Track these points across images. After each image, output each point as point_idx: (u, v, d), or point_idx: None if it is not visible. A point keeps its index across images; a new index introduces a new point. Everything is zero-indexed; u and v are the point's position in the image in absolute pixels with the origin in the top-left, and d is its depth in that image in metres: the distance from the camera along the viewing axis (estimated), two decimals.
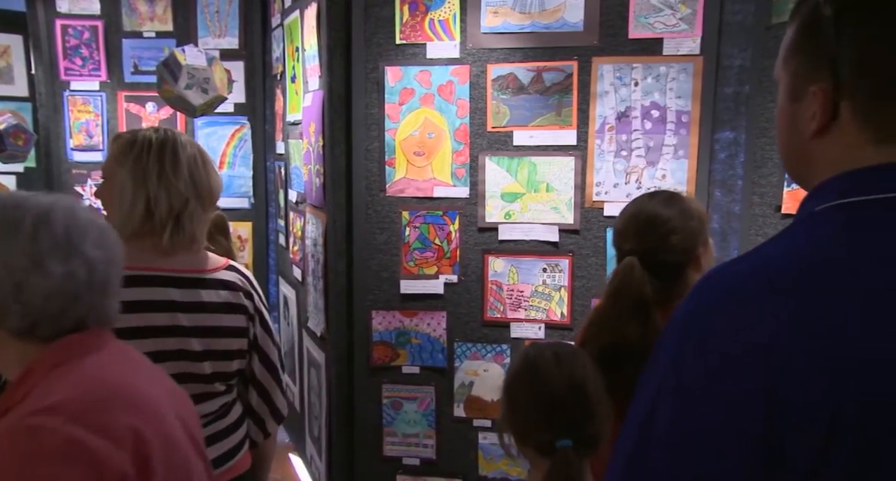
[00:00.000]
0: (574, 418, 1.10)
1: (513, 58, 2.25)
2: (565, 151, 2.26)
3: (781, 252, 0.69)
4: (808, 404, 0.61)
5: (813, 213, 0.71)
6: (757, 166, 2.08)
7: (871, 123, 0.70)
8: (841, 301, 0.62)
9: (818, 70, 0.72)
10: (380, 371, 2.40)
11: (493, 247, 2.33)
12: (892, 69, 0.68)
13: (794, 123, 0.75)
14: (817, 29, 0.72)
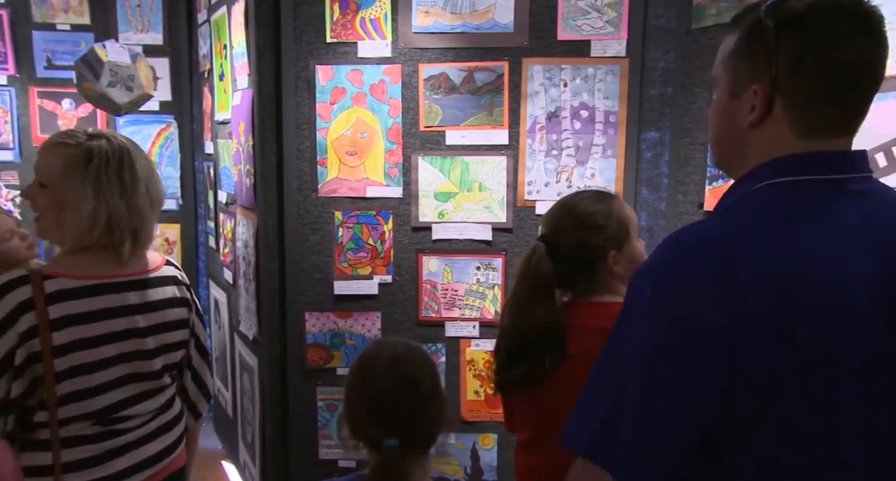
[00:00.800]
0: (401, 418, 1.11)
1: (444, 58, 2.26)
2: (497, 151, 2.28)
3: (740, 217, 0.84)
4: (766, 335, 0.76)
5: (752, 191, 0.86)
6: (681, 165, 2.15)
7: (798, 119, 0.84)
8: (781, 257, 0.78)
9: (759, 71, 0.85)
10: (314, 373, 2.37)
11: (426, 246, 2.33)
12: (817, 76, 0.82)
13: (733, 116, 0.89)
14: (760, 37, 0.84)
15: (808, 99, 0.83)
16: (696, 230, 0.85)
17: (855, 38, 0.81)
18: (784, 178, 0.84)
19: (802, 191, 0.83)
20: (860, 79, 0.83)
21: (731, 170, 0.93)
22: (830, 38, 0.81)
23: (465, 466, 2.37)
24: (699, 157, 2.08)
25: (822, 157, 0.84)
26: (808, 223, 0.80)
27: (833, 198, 0.83)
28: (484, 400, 2.35)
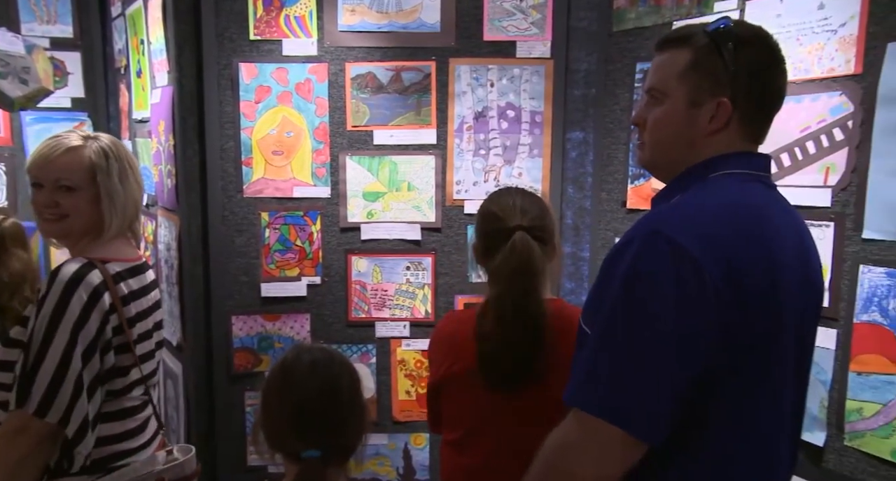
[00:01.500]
0: (322, 429, 1.08)
1: (371, 57, 2.24)
2: (425, 150, 2.29)
3: (700, 201, 1.00)
4: (744, 298, 0.92)
5: (708, 178, 1.03)
6: (604, 164, 2.22)
7: (746, 129, 1.04)
8: (748, 225, 0.97)
9: (721, 86, 1.01)
10: (242, 378, 2.31)
11: (356, 246, 2.31)
12: (762, 95, 1.03)
13: (691, 123, 1.03)
14: (720, 55, 1.00)
15: (754, 113, 1.03)
16: (690, 207, 1.00)
17: (781, 66, 1.04)
18: (733, 170, 1.03)
19: (739, 180, 1.03)
20: (781, 101, 1.06)
21: (671, 170, 1.08)
22: (770, 66, 1.03)
23: (398, 466, 2.37)
24: (621, 157, 2.15)
25: (760, 158, 1.07)
26: (765, 205, 1.01)
27: (768, 189, 1.06)
28: (415, 399, 2.36)
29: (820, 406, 1.60)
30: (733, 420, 0.97)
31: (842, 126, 1.57)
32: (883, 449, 1.49)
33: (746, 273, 0.92)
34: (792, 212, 1.08)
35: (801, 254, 1.04)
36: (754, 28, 1.05)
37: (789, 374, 1.03)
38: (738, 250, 0.93)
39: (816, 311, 1.11)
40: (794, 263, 1.00)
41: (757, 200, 1.01)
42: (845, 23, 1.55)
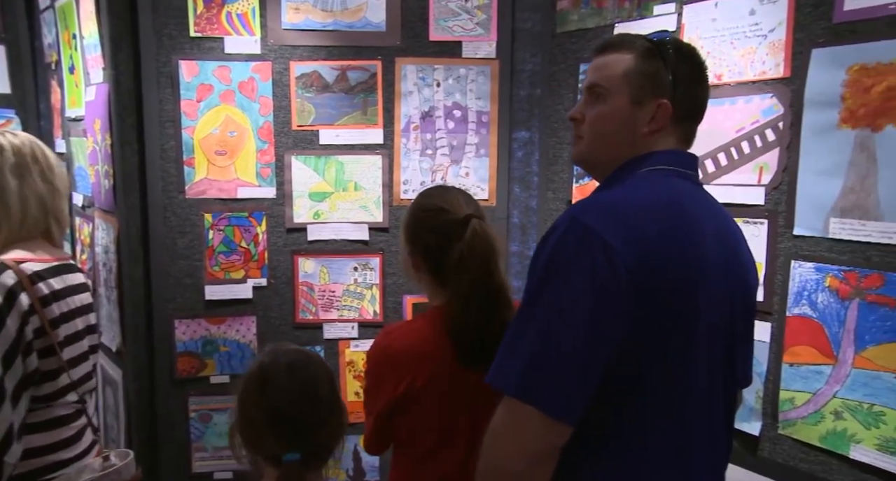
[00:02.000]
0: (302, 431, 1.08)
1: (316, 56, 2.22)
2: (372, 150, 2.28)
3: (638, 190, 1.05)
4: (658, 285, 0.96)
5: (639, 173, 1.08)
6: (550, 163, 2.25)
7: (680, 131, 1.12)
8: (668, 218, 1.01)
9: (661, 89, 1.08)
10: (185, 383, 2.26)
11: (302, 247, 2.28)
12: (694, 102, 1.12)
13: (632, 121, 1.09)
14: (663, 61, 1.08)
15: (685, 117, 1.11)
16: (613, 196, 1.05)
17: (706, 79, 1.14)
18: (662, 167, 1.09)
19: (668, 176, 1.08)
20: (704, 109, 1.15)
21: (604, 166, 1.13)
22: (700, 77, 1.13)
23: (348, 468, 2.35)
24: (566, 156, 2.19)
25: (689, 157, 1.14)
26: (681, 198, 1.06)
27: (694, 186, 1.12)
28: None
29: (756, 397, 1.67)
30: (647, 408, 1.00)
31: (773, 127, 1.63)
32: (812, 436, 1.56)
33: (661, 262, 0.96)
34: (717, 210, 1.13)
35: (725, 250, 1.08)
36: (688, 44, 1.16)
37: (712, 367, 1.06)
38: (654, 240, 0.96)
39: (747, 304, 1.15)
40: (715, 257, 1.04)
41: (680, 195, 1.06)
42: (774, 28, 1.61)
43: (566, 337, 0.94)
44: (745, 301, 1.14)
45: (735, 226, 1.16)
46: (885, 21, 1.42)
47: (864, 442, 1.47)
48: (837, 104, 1.50)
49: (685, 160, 1.12)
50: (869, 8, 1.44)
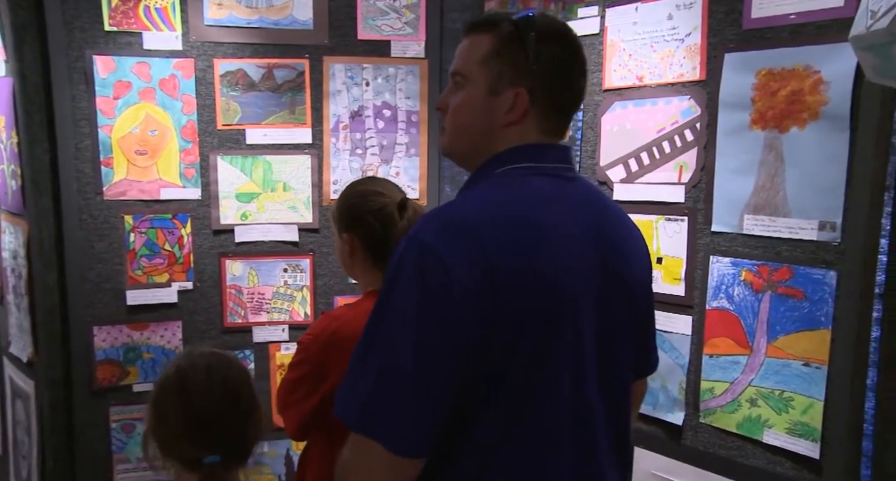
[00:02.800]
0: (223, 433, 1.08)
1: (241, 53, 2.16)
2: (301, 150, 2.24)
3: (489, 195, 0.96)
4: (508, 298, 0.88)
5: (494, 173, 0.98)
6: None
7: (542, 123, 1.00)
8: (523, 225, 0.92)
9: (521, 77, 0.96)
10: (106, 393, 2.16)
11: (230, 249, 2.22)
12: (560, 91, 0.99)
13: (489, 111, 0.98)
14: (522, 46, 0.96)
15: (550, 108, 0.99)
16: (454, 207, 0.96)
17: (581, 66, 1.02)
18: (520, 164, 0.98)
19: (528, 174, 0.98)
20: (578, 101, 1.04)
21: (471, 159, 1.03)
22: (571, 64, 1.00)
23: (280, 474, 2.30)
24: None
25: (556, 150, 1.02)
26: (545, 200, 0.97)
27: (561, 182, 1.01)
28: None
29: (679, 388, 1.73)
30: (505, 425, 0.92)
31: (691, 127, 1.70)
32: (730, 423, 1.63)
33: (507, 276, 0.88)
34: (594, 207, 1.03)
35: (601, 248, 0.99)
36: (559, 25, 1.02)
37: (583, 370, 0.97)
38: (498, 253, 0.88)
39: (633, 298, 1.07)
40: (583, 257, 0.96)
41: (535, 197, 0.96)
42: (690, 33, 1.68)
43: (405, 366, 0.85)
44: (631, 295, 1.06)
45: (621, 222, 1.08)
46: (787, 29, 1.51)
47: (775, 427, 1.55)
48: (748, 106, 1.57)
49: (550, 155, 1.01)
50: (773, 17, 1.52)
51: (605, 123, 1.87)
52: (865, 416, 1.41)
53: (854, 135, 1.41)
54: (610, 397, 1.03)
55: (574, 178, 1.04)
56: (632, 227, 1.11)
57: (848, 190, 1.43)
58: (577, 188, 1.03)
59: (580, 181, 1.06)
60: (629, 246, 1.07)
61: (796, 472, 1.53)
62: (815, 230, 1.48)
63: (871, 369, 1.41)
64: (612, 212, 1.07)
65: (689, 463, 1.71)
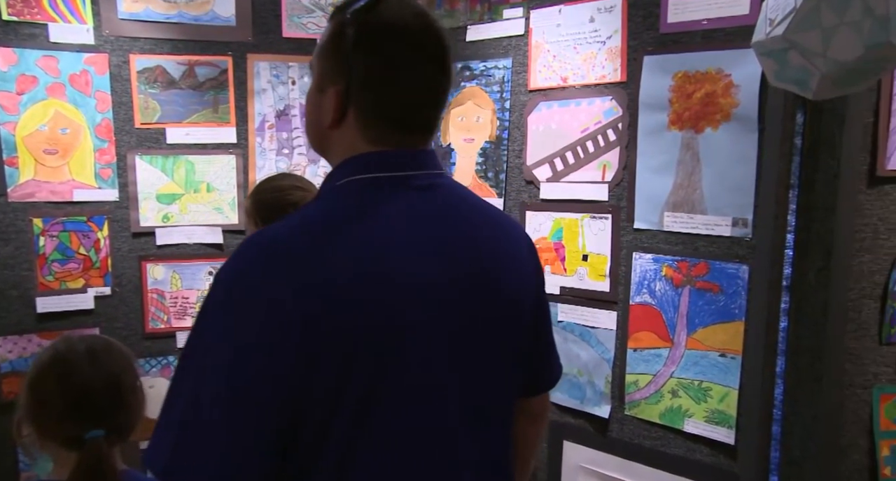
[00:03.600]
0: (106, 408, 1.11)
1: (160, 49, 2.09)
2: (225, 149, 2.18)
3: (320, 214, 0.84)
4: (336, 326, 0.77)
5: (335, 186, 0.87)
6: None
7: (366, 129, 0.86)
8: (357, 247, 0.80)
9: (338, 75, 0.85)
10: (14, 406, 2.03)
11: (150, 252, 2.14)
12: (384, 94, 0.85)
13: (319, 109, 0.89)
14: (342, 42, 0.85)
15: (375, 113, 0.86)
16: (277, 230, 0.83)
17: (421, 65, 0.85)
18: (360, 176, 0.86)
19: (371, 186, 0.86)
20: (423, 103, 0.87)
21: (325, 156, 0.94)
22: (398, 63, 0.84)
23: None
24: None
25: (390, 156, 0.87)
26: (380, 216, 0.84)
27: (401, 193, 0.86)
28: None
29: (605, 382, 1.78)
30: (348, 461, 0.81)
31: (613, 127, 1.74)
32: (653, 414, 1.69)
33: (342, 305, 0.77)
34: (456, 218, 0.90)
35: (466, 265, 0.88)
36: (395, 15, 0.85)
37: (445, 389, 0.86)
38: (332, 277, 0.78)
39: (505, 318, 0.93)
40: (430, 280, 0.84)
41: (376, 212, 0.84)
42: (611, 35, 1.73)
43: (223, 406, 0.75)
44: (511, 310, 0.93)
45: (498, 231, 0.95)
46: (700, 34, 1.57)
47: (694, 415, 1.61)
48: (666, 107, 1.63)
49: (400, 162, 0.87)
50: (687, 22, 1.58)
51: (532, 123, 1.90)
52: (775, 402, 1.49)
53: (762, 137, 1.48)
54: (480, 434, 0.90)
55: (431, 187, 0.89)
56: (513, 236, 0.98)
57: (757, 188, 1.50)
58: (436, 198, 0.89)
59: (441, 190, 0.90)
60: (502, 259, 0.93)
61: (714, 458, 1.59)
62: (729, 226, 1.55)
63: (780, 357, 1.48)
64: (487, 221, 0.94)
65: (615, 455, 1.76)
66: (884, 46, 1.09)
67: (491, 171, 2.01)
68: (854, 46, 1.10)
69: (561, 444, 1.86)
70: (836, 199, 1.42)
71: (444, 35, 0.88)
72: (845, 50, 1.11)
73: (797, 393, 1.47)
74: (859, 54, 1.10)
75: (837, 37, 1.10)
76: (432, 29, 0.87)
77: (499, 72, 1.98)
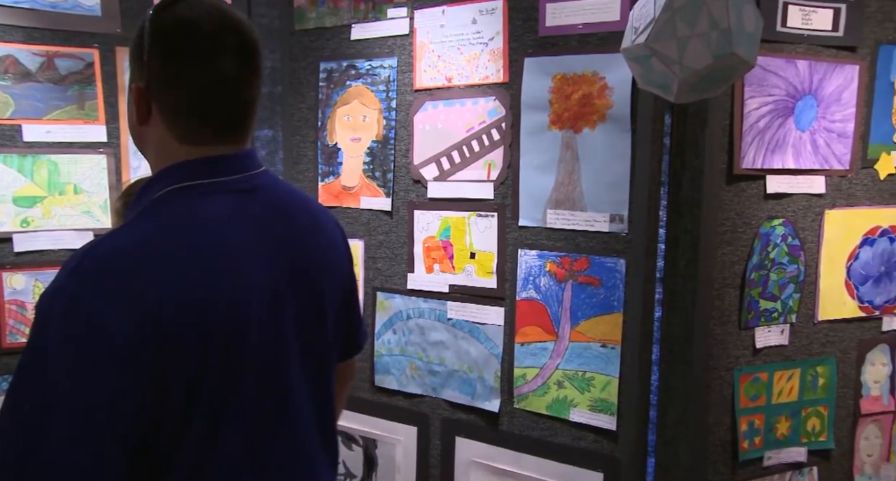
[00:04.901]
0: None
1: (11, 37, 1.91)
2: (94, 149, 2.03)
3: (146, 230, 0.84)
4: (184, 342, 0.79)
5: (155, 198, 0.88)
6: (294, 162, 2.21)
7: (171, 125, 0.89)
8: (191, 260, 0.82)
9: (139, 72, 0.89)
10: None
11: (8, 260, 1.96)
12: (180, 90, 0.87)
13: (132, 109, 0.91)
14: (141, 40, 0.88)
15: (175, 109, 0.88)
16: (102, 244, 0.82)
17: (217, 59, 0.87)
18: (178, 185, 0.88)
19: (195, 195, 0.88)
20: (223, 97, 0.89)
21: (144, 154, 0.95)
22: (192, 57, 0.86)
23: None
24: (311, 155, 2.16)
25: (206, 163, 0.89)
26: (210, 224, 0.86)
27: (227, 198, 0.89)
28: None
29: (494, 377, 1.81)
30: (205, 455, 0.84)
31: (497, 127, 1.78)
32: (541, 406, 1.74)
33: (176, 319, 0.78)
34: (279, 217, 0.95)
35: (293, 261, 0.94)
36: (191, 12, 0.87)
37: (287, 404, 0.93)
38: (163, 292, 0.78)
39: (327, 306, 1.01)
40: (264, 277, 0.89)
41: (204, 220, 0.86)
42: (493, 37, 1.76)
43: (60, 439, 0.73)
44: (323, 296, 1.00)
45: (307, 222, 1.01)
46: (576, 38, 1.64)
47: (579, 405, 1.68)
48: (547, 108, 1.68)
49: (219, 169, 0.90)
50: (564, 26, 1.64)
51: (418, 123, 1.90)
52: (651, 388, 1.58)
53: (634, 137, 1.57)
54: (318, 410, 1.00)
55: (255, 190, 0.93)
56: (330, 226, 1.06)
57: (631, 185, 1.58)
58: (259, 198, 0.93)
59: (264, 191, 0.94)
60: (322, 247, 1.02)
61: (597, 444, 1.67)
62: (607, 222, 1.62)
63: (655, 346, 1.57)
64: (303, 216, 1.00)
65: (505, 448, 1.80)
66: (729, 56, 1.19)
67: (378, 171, 2.00)
68: (704, 56, 1.19)
69: (453, 441, 1.88)
70: (701, 196, 1.52)
71: (244, 29, 0.89)
72: (697, 59, 1.20)
73: (670, 379, 1.57)
74: (709, 63, 1.19)
75: (690, 46, 1.19)
76: (229, 23, 0.88)
77: (384, 71, 1.97)
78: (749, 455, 1.64)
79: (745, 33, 1.20)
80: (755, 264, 1.60)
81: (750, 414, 1.63)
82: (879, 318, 1.77)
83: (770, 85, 1.57)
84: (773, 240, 1.61)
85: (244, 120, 0.92)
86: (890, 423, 1.81)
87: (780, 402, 1.66)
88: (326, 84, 2.10)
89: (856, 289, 1.73)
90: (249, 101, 0.92)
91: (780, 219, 1.62)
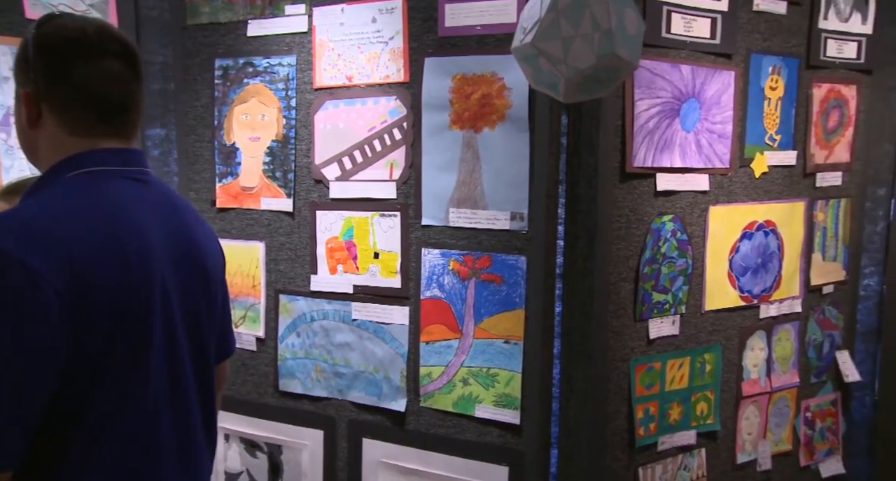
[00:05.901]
0: None
1: None
2: None
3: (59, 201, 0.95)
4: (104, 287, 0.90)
5: (66, 178, 0.98)
6: (190, 163, 2.12)
7: (62, 124, 1.00)
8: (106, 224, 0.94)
9: (26, 78, 0.99)
10: None
11: None
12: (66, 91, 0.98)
13: (20, 116, 1.01)
14: (26, 51, 0.98)
15: (65, 105, 0.99)
16: (24, 210, 0.94)
17: (98, 60, 0.99)
18: (86, 169, 0.99)
19: (102, 178, 1.00)
20: (110, 89, 1.00)
21: (34, 161, 1.06)
22: (74, 58, 0.98)
23: None
24: (207, 155, 2.08)
25: (108, 153, 1.01)
26: (129, 203, 1.00)
27: (135, 184, 1.03)
28: None
29: (400, 376, 1.81)
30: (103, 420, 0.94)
31: (399, 127, 1.78)
32: (447, 403, 1.75)
33: (95, 275, 0.90)
34: (169, 208, 1.08)
35: (179, 246, 1.06)
36: (71, 23, 1.00)
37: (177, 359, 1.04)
38: (84, 254, 0.89)
39: (208, 290, 1.13)
40: (166, 256, 1.02)
41: (116, 199, 0.98)
42: (393, 36, 1.76)
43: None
44: (209, 287, 1.13)
45: (195, 221, 1.14)
46: (475, 39, 1.66)
47: (484, 401, 1.70)
48: (447, 107, 1.70)
49: (112, 159, 1.01)
50: (463, 27, 1.66)
51: (318, 122, 1.87)
52: (553, 381, 1.62)
53: (533, 136, 1.60)
54: (201, 388, 1.11)
55: (149, 182, 1.07)
56: (206, 227, 1.19)
57: (531, 184, 1.62)
58: (152, 190, 1.07)
59: (154, 185, 1.09)
60: (204, 244, 1.14)
61: (502, 439, 1.70)
62: (508, 220, 1.66)
63: (556, 340, 1.62)
64: (186, 212, 1.14)
65: (413, 447, 1.80)
66: (611, 57, 1.23)
67: (279, 171, 1.95)
68: (588, 56, 1.23)
69: (360, 442, 1.86)
70: (597, 194, 1.58)
71: (124, 39, 1.02)
72: (581, 59, 1.23)
73: (571, 371, 1.62)
74: (592, 63, 1.24)
75: (574, 46, 1.23)
76: (110, 32, 1.02)
77: (283, 69, 1.92)
78: (645, 441, 1.72)
79: (627, 35, 1.24)
80: (648, 258, 1.68)
81: (645, 401, 1.71)
82: (757, 307, 1.90)
83: (658, 87, 1.66)
84: (663, 235, 1.70)
85: (131, 113, 1.03)
86: (766, 403, 1.95)
87: (672, 389, 1.75)
88: (222, 81, 2.02)
89: (737, 279, 1.85)
90: (135, 97, 1.03)
91: (669, 215, 1.70)
